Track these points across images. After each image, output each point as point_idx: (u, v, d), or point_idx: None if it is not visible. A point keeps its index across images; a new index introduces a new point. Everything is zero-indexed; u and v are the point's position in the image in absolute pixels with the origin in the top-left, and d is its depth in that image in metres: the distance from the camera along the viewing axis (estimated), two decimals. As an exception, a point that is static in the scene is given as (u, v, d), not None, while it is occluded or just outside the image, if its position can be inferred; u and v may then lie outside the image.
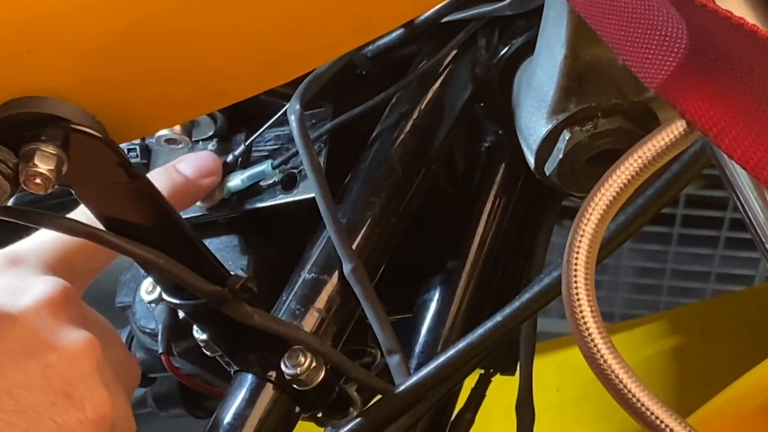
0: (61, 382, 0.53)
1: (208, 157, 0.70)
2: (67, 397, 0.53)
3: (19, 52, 0.46)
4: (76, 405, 0.53)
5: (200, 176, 0.68)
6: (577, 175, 0.65)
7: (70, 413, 0.52)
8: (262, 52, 0.50)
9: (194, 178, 0.68)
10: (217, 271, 0.57)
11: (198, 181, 0.68)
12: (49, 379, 0.52)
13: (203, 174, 0.68)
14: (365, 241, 0.67)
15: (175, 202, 0.64)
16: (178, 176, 0.67)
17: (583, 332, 0.40)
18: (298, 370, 0.59)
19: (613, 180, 0.41)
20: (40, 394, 0.52)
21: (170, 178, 0.67)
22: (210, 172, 0.69)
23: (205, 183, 0.69)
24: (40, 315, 0.54)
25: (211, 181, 0.69)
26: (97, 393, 0.54)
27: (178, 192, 0.66)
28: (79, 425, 0.52)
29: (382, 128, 0.72)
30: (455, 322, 0.72)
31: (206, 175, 0.69)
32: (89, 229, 0.53)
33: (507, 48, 0.73)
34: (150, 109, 0.52)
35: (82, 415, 0.53)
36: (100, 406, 0.54)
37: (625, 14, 0.40)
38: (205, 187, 0.69)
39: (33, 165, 0.47)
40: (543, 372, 0.81)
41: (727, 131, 0.37)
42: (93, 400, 0.53)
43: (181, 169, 0.68)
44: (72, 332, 0.55)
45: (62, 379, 0.53)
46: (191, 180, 0.68)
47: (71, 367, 0.53)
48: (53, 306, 0.55)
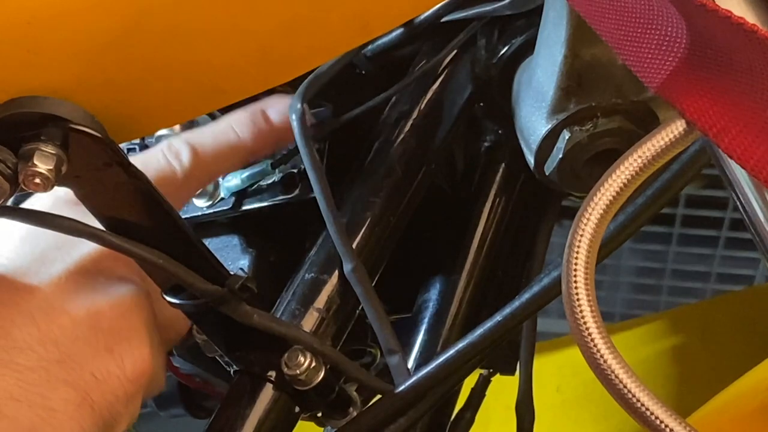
0: (106, 334, 0.52)
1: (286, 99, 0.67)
2: (108, 351, 0.52)
3: (19, 52, 0.46)
4: (116, 360, 0.52)
5: (284, 125, 0.66)
6: (577, 175, 0.65)
7: (110, 368, 0.52)
8: (262, 52, 0.50)
9: (280, 127, 0.66)
10: (217, 271, 0.57)
11: (283, 130, 0.65)
12: (95, 330, 0.52)
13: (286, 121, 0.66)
14: (365, 241, 0.67)
15: (258, 148, 0.64)
16: (263, 123, 0.65)
17: (583, 332, 0.40)
18: (298, 370, 0.59)
19: (613, 180, 0.41)
20: (84, 345, 0.51)
21: (255, 124, 0.65)
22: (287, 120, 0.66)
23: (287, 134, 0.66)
24: (90, 264, 0.54)
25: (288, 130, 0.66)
26: (139, 351, 0.54)
27: (262, 139, 0.64)
28: (117, 381, 0.52)
29: (382, 128, 0.72)
30: (455, 322, 0.72)
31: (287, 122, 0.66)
32: (89, 229, 0.53)
33: (507, 48, 0.73)
34: (150, 109, 0.52)
35: (121, 371, 0.53)
36: (140, 364, 0.54)
37: (625, 14, 0.40)
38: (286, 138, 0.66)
39: (32, 165, 0.47)
40: (543, 372, 0.81)
41: (727, 131, 0.37)
42: (134, 357, 0.53)
43: (270, 113, 0.66)
44: (123, 285, 0.55)
45: (108, 331, 0.53)
46: (276, 128, 0.66)
47: (119, 321, 0.53)
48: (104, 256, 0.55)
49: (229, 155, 0.63)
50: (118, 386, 0.52)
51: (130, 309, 0.54)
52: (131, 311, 0.54)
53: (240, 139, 0.64)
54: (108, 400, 0.52)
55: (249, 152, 0.65)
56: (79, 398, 0.50)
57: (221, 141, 0.63)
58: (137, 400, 0.54)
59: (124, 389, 0.53)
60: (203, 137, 0.63)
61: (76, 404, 0.50)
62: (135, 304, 0.54)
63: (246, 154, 0.65)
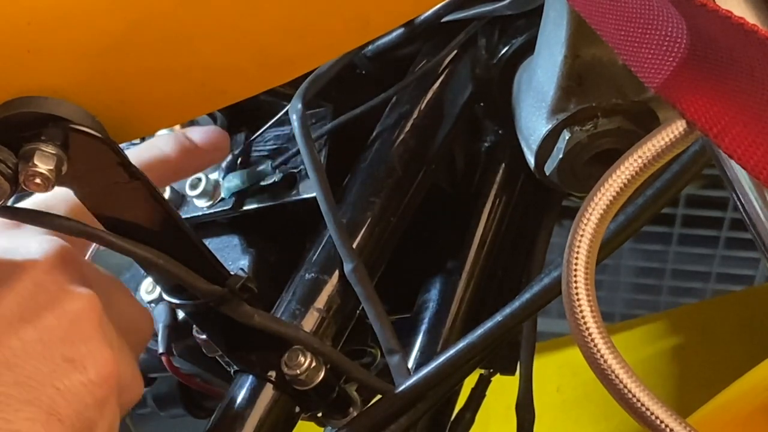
0: (61, 345, 0.51)
1: (219, 131, 0.69)
2: (68, 361, 0.51)
3: (19, 52, 0.46)
4: (77, 368, 0.51)
5: (209, 147, 0.67)
6: (577, 175, 0.65)
7: (72, 377, 0.51)
8: (262, 52, 0.50)
9: (203, 147, 0.66)
10: (217, 271, 0.57)
11: (206, 151, 0.67)
12: (48, 344, 0.51)
13: (212, 146, 0.67)
14: (365, 241, 0.67)
15: (179, 167, 0.64)
16: (187, 142, 0.66)
17: (583, 332, 0.40)
18: (298, 370, 0.59)
19: (613, 180, 0.41)
20: (39, 361, 0.50)
21: (179, 141, 0.65)
22: (218, 146, 0.67)
23: (212, 155, 0.67)
24: (35, 276, 0.53)
25: (218, 155, 0.68)
26: (100, 353, 0.52)
27: (184, 157, 0.65)
28: (83, 388, 0.51)
29: (382, 128, 0.72)
30: (455, 322, 0.72)
31: (215, 147, 0.67)
32: (89, 229, 0.53)
33: (507, 48, 0.73)
34: (150, 109, 0.52)
35: (85, 377, 0.51)
36: (103, 366, 0.52)
37: (625, 14, 0.40)
38: (212, 158, 0.68)
39: (33, 165, 0.47)
40: (543, 372, 0.81)
41: (727, 131, 0.37)
42: (95, 360, 0.52)
43: (192, 135, 0.66)
44: (70, 292, 0.53)
45: (61, 342, 0.51)
46: (199, 147, 0.66)
47: (71, 329, 0.52)
48: (49, 266, 0.54)
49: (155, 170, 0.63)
50: (85, 393, 0.51)
51: (79, 317, 0.52)
52: (80, 319, 0.52)
53: (164, 155, 0.64)
54: (76, 409, 0.50)
55: (173, 168, 0.65)
56: (44, 415, 0.49)
57: (146, 157, 0.63)
58: (111, 403, 0.53)
59: (93, 395, 0.51)
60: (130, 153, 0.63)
61: (42, 422, 0.49)
62: (82, 312, 0.53)
63: (171, 169, 0.65)
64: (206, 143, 0.67)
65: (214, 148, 0.67)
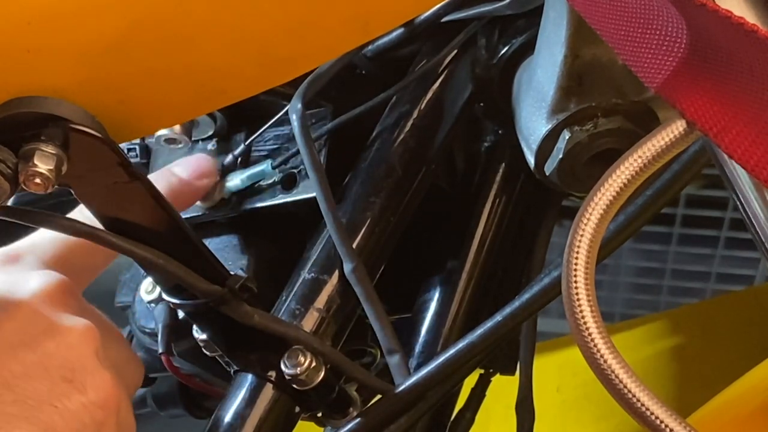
0: (60, 368, 0.52)
1: (203, 158, 0.71)
2: (67, 381, 0.52)
3: (19, 52, 0.46)
4: (77, 388, 0.52)
5: (196, 177, 0.69)
6: (577, 175, 0.65)
7: (71, 397, 0.51)
8: (262, 52, 0.50)
9: (190, 180, 0.69)
10: (217, 271, 0.57)
11: (194, 182, 0.69)
12: (47, 367, 0.52)
13: (199, 175, 0.69)
14: (365, 241, 0.67)
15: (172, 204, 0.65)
16: (173, 178, 0.68)
17: (583, 332, 0.40)
18: (298, 370, 0.59)
19: (613, 180, 0.41)
20: (38, 382, 0.51)
21: (166, 180, 0.67)
22: (205, 174, 0.70)
23: (201, 184, 0.70)
24: (36, 306, 0.54)
25: (207, 182, 0.70)
26: (99, 375, 0.53)
27: (175, 194, 0.67)
28: (83, 408, 0.52)
29: (382, 128, 0.72)
30: (455, 322, 0.72)
31: (202, 176, 0.70)
32: (89, 229, 0.53)
33: (507, 48, 0.73)
34: (150, 109, 0.52)
35: (85, 398, 0.52)
36: (102, 387, 0.53)
37: (625, 14, 0.40)
38: (201, 188, 0.70)
39: (33, 165, 0.47)
40: (543, 372, 0.81)
41: (727, 131, 0.37)
42: (95, 382, 0.53)
43: (177, 171, 0.69)
44: (69, 320, 0.54)
45: (61, 365, 0.52)
46: (186, 181, 0.68)
47: (70, 354, 0.53)
48: (50, 297, 0.55)
49: None
50: (84, 413, 0.52)
51: (78, 343, 0.53)
52: (79, 345, 0.53)
53: None
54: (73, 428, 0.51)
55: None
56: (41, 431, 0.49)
57: None
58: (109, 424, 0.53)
59: (91, 415, 0.52)
60: None
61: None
62: (81, 339, 0.54)
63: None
64: (193, 175, 0.69)
65: (201, 177, 0.70)
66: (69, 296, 0.56)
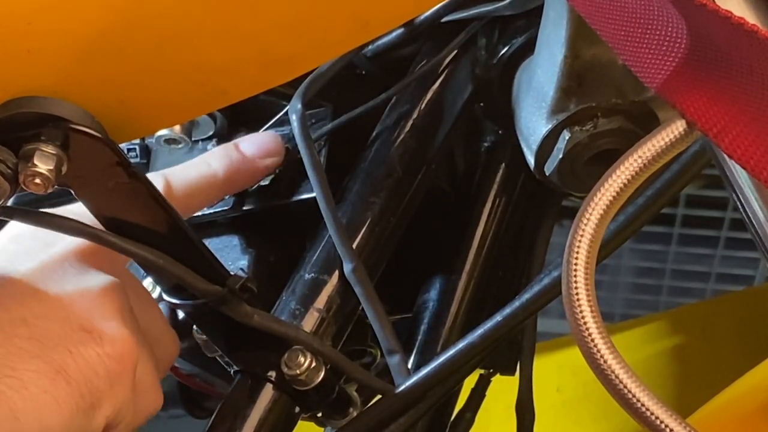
0: (80, 318, 0.52)
1: (272, 137, 0.69)
2: (85, 331, 0.51)
3: (19, 52, 0.46)
4: (94, 339, 0.52)
5: (260, 156, 0.67)
6: (577, 175, 0.65)
7: (87, 345, 0.51)
8: (262, 52, 0.50)
9: (253, 158, 0.66)
10: (217, 271, 0.57)
11: (257, 161, 0.67)
12: (68, 314, 0.51)
13: (264, 154, 0.67)
14: (365, 241, 0.67)
15: (230, 181, 0.64)
16: (236, 154, 0.66)
17: (583, 332, 0.40)
18: (298, 370, 0.59)
19: (613, 180, 0.41)
20: (57, 325, 0.51)
21: (228, 155, 0.65)
22: (271, 152, 0.67)
23: (264, 163, 0.67)
24: (66, 256, 0.54)
25: (272, 162, 0.68)
26: (118, 331, 0.52)
27: (235, 171, 0.65)
28: (96, 357, 0.51)
29: (382, 128, 0.72)
30: (455, 322, 0.72)
31: (267, 155, 0.67)
32: (89, 229, 0.53)
33: (507, 48, 0.73)
34: (150, 109, 0.52)
35: (100, 349, 0.52)
36: (119, 342, 0.52)
37: (625, 14, 0.40)
38: (265, 168, 0.67)
39: (32, 165, 0.47)
40: (543, 372, 0.81)
41: (727, 131, 0.37)
42: (113, 336, 0.52)
43: (242, 147, 0.66)
44: (97, 275, 0.54)
45: (81, 315, 0.52)
46: (249, 159, 0.66)
47: (92, 306, 0.52)
48: (81, 252, 0.55)
49: (202, 189, 0.63)
50: (98, 361, 0.51)
51: (103, 296, 0.53)
52: (104, 299, 0.53)
53: (212, 172, 0.64)
54: (85, 374, 0.50)
55: (222, 185, 0.65)
56: (52, 371, 0.49)
57: (193, 175, 0.63)
58: (123, 383, 0.53)
59: (105, 366, 0.51)
60: (176, 171, 0.63)
61: (49, 377, 0.49)
62: (108, 294, 0.53)
63: (219, 186, 0.65)
64: (258, 153, 0.67)
65: (267, 155, 0.67)
66: (102, 256, 0.55)
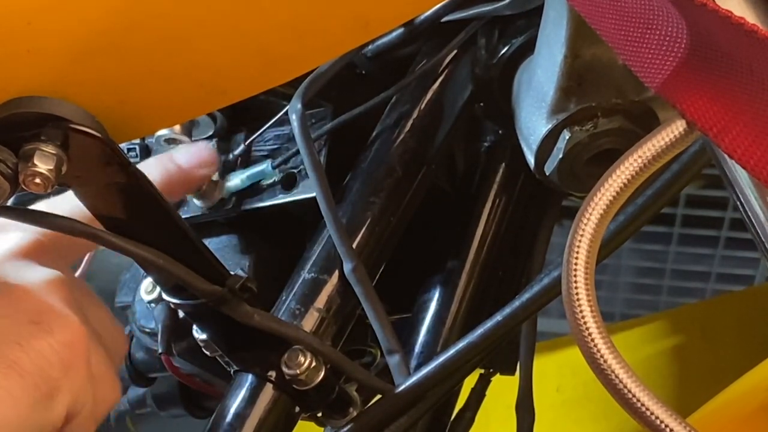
0: (27, 312, 0.52)
1: (204, 147, 0.70)
2: (34, 324, 0.52)
3: (19, 52, 0.46)
4: (44, 329, 0.52)
5: (194, 166, 0.67)
6: (577, 175, 0.65)
7: (37, 336, 0.51)
8: (262, 52, 0.50)
9: (188, 168, 0.67)
10: (217, 271, 0.57)
11: (192, 171, 0.67)
12: (15, 308, 0.52)
13: (197, 164, 0.68)
14: (365, 241, 0.67)
15: (166, 191, 0.64)
16: (171, 165, 0.66)
17: (583, 332, 0.40)
18: (298, 370, 0.59)
19: (613, 180, 0.41)
20: (4, 320, 0.51)
21: (163, 166, 0.66)
22: (204, 163, 0.68)
23: (199, 173, 0.68)
24: (10, 255, 0.54)
25: (205, 171, 0.69)
26: (67, 318, 0.53)
27: (170, 181, 0.65)
28: (48, 347, 0.51)
29: (382, 128, 0.72)
30: (455, 322, 0.72)
31: (201, 165, 0.68)
32: (89, 229, 0.53)
33: (507, 48, 0.73)
34: (150, 109, 0.52)
35: (51, 338, 0.52)
36: (69, 329, 0.52)
37: (625, 14, 0.40)
38: (199, 177, 0.68)
39: (32, 165, 0.47)
40: (543, 372, 0.81)
41: (727, 131, 0.37)
42: (62, 325, 0.52)
43: (176, 158, 0.67)
44: (39, 270, 0.54)
45: (28, 309, 0.52)
46: (184, 169, 0.67)
47: (39, 297, 0.53)
48: (24, 250, 0.55)
49: None
50: (50, 351, 0.51)
51: (50, 288, 0.53)
52: (51, 289, 0.53)
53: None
54: (38, 365, 0.51)
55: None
56: (4, 366, 0.49)
57: None
58: (78, 370, 0.53)
59: (57, 354, 0.52)
60: None
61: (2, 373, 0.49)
62: (55, 285, 0.53)
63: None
64: (192, 164, 0.67)
65: (200, 166, 0.68)
66: (43, 252, 0.56)
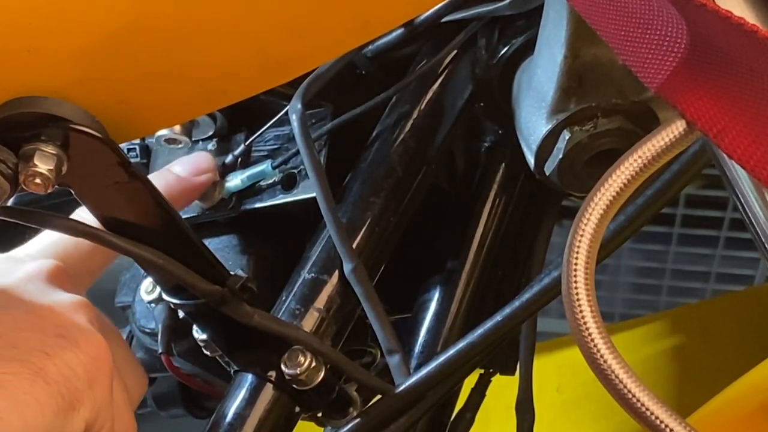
0: (53, 327, 0.52)
1: (202, 155, 0.71)
2: (60, 336, 0.52)
3: (19, 52, 0.46)
4: (70, 342, 0.52)
5: (194, 174, 0.69)
6: (577, 175, 0.65)
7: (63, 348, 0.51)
8: (262, 52, 0.50)
9: (188, 177, 0.68)
10: (217, 271, 0.57)
11: (192, 179, 0.68)
12: (42, 323, 0.52)
13: (197, 172, 0.69)
14: (365, 241, 0.67)
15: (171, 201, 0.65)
16: (170, 176, 0.67)
17: (583, 332, 0.40)
18: (298, 370, 0.59)
19: (613, 180, 0.41)
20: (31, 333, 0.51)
21: (163, 178, 0.67)
22: (203, 170, 0.69)
23: (199, 180, 0.69)
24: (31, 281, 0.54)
25: (205, 178, 0.69)
26: (92, 335, 0.53)
27: (173, 191, 0.66)
28: (75, 358, 0.51)
29: (382, 128, 0.72)
30: (455, 322, 0.72)
31: (200, 172, 0.69)
32: (89, 229, 0.53)
33: (507, 48, 0.73)
34: (150, 109, 0.52)
35: (77, 349, 0.52)
36: (95, 345, 0.53)
37: (625, 14, 0.40)
38: (200, 184, 0.69)
39: (33, 165, 0.47)
40: (543, 372, 0.81)
41: (727, 131, 0.37)
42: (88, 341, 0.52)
43: (175, 170, 0.68)
44: (65, 293, 0.55)
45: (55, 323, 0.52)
46: (185, 179, 0.68)
47: (64, 316, 0.53)
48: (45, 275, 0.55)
49: None
50: (76, 362, 0.51)
51: (75, 309, 0.54)
52: (76, 310, 0.53)
53: None
54: (64, 375, 0.50)
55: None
56: (31, 373, 0.49)
57: None
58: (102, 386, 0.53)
59: (83, 366, 0.51)
60: None
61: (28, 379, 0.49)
62: (79, 307, 0.54)
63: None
64: (191, 172, 0.68)
65: (199, 173, 0.69)
66: (65, 278, 0.56)
